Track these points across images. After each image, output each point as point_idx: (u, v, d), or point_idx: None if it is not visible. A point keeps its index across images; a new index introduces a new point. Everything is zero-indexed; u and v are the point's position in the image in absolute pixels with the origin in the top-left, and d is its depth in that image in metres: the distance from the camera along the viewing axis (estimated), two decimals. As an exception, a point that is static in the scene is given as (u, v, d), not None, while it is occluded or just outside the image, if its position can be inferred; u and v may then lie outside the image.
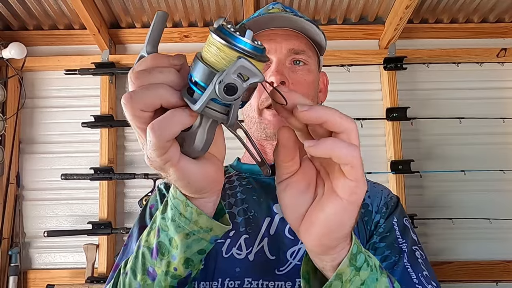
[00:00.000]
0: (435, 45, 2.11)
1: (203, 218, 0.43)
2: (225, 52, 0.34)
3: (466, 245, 2.01)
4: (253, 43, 0.35)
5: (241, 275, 0.61)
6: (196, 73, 0.35)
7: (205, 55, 0.35)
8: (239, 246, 0.63)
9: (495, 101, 2.10)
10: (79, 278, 1.95)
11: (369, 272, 0.43)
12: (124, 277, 0.49)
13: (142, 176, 1.94)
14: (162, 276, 0.46)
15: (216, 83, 0.33)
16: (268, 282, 0.60)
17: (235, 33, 0.34)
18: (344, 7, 2.02)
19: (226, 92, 0.33)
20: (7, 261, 1.96)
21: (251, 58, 0.34)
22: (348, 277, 0.41)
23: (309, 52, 0.74)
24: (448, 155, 2.06)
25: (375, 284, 0.43)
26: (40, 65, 2.07)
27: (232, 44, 0.34)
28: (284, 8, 0.77)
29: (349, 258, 0.42)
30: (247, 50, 0.34)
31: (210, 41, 0.35)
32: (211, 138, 0.39)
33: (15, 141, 2.03)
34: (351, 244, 0.42)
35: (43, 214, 2.05)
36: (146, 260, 0.47)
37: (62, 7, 1.96)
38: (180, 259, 0.44)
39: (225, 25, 0.35)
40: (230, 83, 0.33)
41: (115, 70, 2.04)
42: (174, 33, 2.11)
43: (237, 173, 0.76)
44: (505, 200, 2.04)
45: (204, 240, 0.44)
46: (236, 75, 0.33)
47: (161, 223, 0.45)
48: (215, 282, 0.61)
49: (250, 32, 0.34)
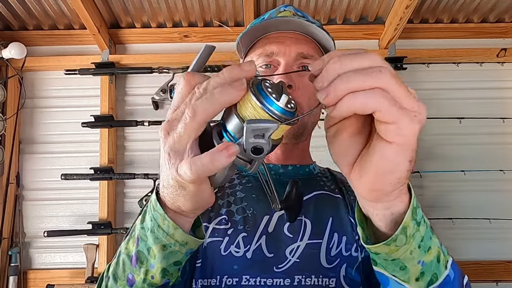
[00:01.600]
0: (435, 45, 2.11)
1: (179, 232, 0.44)
2: (259, 112, 0.36)
3: (466, 245, 2.01)
4: (286, 108, 0.37)
5: (239, 272, 0.62)
6: (229, 124, 0.38)
7: (240, 109, 0.37)
8: (237, 244, 0.64)
9: (495, 101, 2.10)
10: (79, 278, 1.95)
11: (425, 229, 0.42)
12: (106, 281, 0.51)
13: (142, 176, 1.94)
14: (140, 283, 0.47)
15: (244, 146, 0.36)
16: (266, 279, 0.61)
17: (271, 96, 0.36)
18: (344, 7, 2.02)
19: (254, 152, 0.37)
20: (7, 261, 1.95)
21: (280, 122, 0.37)
22: (411, 232, 0.40)
23: (317, 57, 0.75)
24: (448, 155, 2.06)
25: (430, 242, 0.43)
26: (40, 65, 2.07)
27: (266, 108, 0.36)
28: (295, 12, 0.78)
29: (412, 211, 0.40)
30: (279, 115, 0.36)
31: (248, 98, 0.37)
32: (231, 175, 0.42)
33: (15, 141, 2.03)
34: (410, 196, 0.41)
35: (43, 214, 2.05)
36: (126, 266, 0.48)
37: (62, 7, 1.96)
38: (157, 268, 0.46)
39: (264, 83, 0.37)
40: (256, 146, 0.36)
41: (115, 70, 2.04)
42: (174, 33, 2.11)
43: (237, 172, 0.76)
44: (505, 200, 2.04)
45: (179, 253, 0.45)
46: (253, 138, 0.36)
47: (141, 232, 0.47)
48: (214, 280, 0.62)
49: (286, 97, 0.37)
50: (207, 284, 0.61)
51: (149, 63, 2.05)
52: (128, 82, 2.13)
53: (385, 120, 0.35)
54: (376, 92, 0.34)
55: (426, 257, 0.42)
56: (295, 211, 0.50)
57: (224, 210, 0.68)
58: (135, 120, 2.02)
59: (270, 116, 0.36)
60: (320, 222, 0.66)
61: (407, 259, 0.41)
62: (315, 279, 0.61)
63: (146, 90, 2.08)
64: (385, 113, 0.34)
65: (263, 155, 0.37)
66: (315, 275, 0.61)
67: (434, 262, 0.43)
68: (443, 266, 0.44)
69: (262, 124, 0.36)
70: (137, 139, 2.10)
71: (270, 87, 0.37)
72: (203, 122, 0.36)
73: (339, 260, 0.63)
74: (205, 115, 0.36)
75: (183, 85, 0.38)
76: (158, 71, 2.04)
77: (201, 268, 0.63)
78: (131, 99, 2.12)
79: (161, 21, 2.10)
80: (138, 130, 2.08)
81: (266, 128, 0.36)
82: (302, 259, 0.63)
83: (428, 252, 0.42)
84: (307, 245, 0.64)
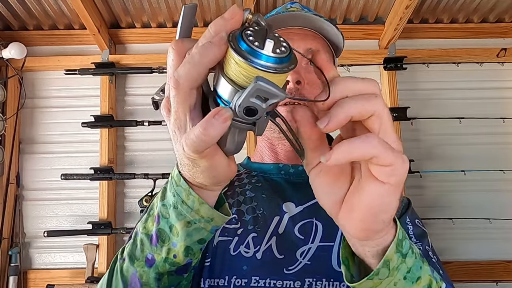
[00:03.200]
0: (435, 45, 2.11)
1: (205, 208, 0.42)
2: (244, 68, 0.32)
3: (466, 245, 2.01)
4: (274, 54, 0.32)
5: (248, 273, 0.60)
6: (219, 87, 0.34)
7: (226, 68, 0.33)
8: (247, 244, 0.63)
9: (495, 101, 2.10)
10: (79, 278, 1.95)
11: (414, 260, 0.42)
12: (121, 263, 0.49)
13: (142, 176, 1.94)
14: (161, 262, 0.45)
15: (236, 106, 0.32)
16: (276, 281, 0.60)
17: (253, 45, 0.32)
18: (344, 7, 2.02)
19: (246, 114, 0.33)
20: (7, 261, 1.95)
21: (271, 73, 0.32)
22: (395, 264, 0.40)
23: (326, 53, 0.74)
24: (448, 155, 2.06)
25: (419, 272, 0.42)
26: (40, 65, 2.07)
27: (250, 60, 0.31)
28: (302, 8, 0.77)
29: (396, 244, 0.40)
30: (267, 65, 0.32)
31: (229, 54, 0.33)
32: (243, 141, 0.38)
33: (15, 141, 2.03)
34: (396, 228, 0.41)
35: (43, 214, 2.05)
36: (144, 246, 0.46)
37: (62, 7, 1.96)
38: (180, 247, 0.44)
39: (245, 32, 0.32)
40: (249, 106, 0.32)
41: (115, 70, 2.04)
42: (174, 33, 2.09)
43: (247, 172, 0.75)
44: (505, 200, 2.03)
45: (204, 230, 0.43)
46: (254, 97, 0.32)
47: (161, 209, 0.44)
48: (222, 280, 0.60)
49: (271, 42, 0.32)
50: (214, 284, 0.60)
51: (149, 63, 2.05)
52: (128, 82, 2.13)
53: (382, 164, 0.35)
54: (372, 139, 0.34)
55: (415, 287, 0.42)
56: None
57: (234, 209, 0.67)
58: (135, 120, 2.02)
59: (258, 70, 0.31)
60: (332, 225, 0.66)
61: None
62: (326, 282, 0.60)
63: (146, 90, 2.08)
64: (382, 159, 0.34)
65: (258, 117, 0.33)
66: (326, 279, 0.60)
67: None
68: None
69: (272, 88, 0.31)
70: (137, 139, 2.10)
71: (252, 34, 0.32)
72: (189, 89, 0.34)
73: None
74: (190, 82, 0.33)
75: (173, 56, 0.35)
76: (158, 71, 2.04)
77: (210, 268, 0.61)
78: (131, 99, 2.12)
79: (161, 21, 2.10)
80: (138, 130, 2.08)
81: (273, 94, 0.31)
82: (313, 261, 0.61)
83: (416, 282, 0.42)
84: (319, 248, 0.62)
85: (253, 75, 0.32)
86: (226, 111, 0.32)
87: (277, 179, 0.72)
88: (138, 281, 0.47)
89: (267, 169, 0.74)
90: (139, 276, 0.47)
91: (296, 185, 0.71)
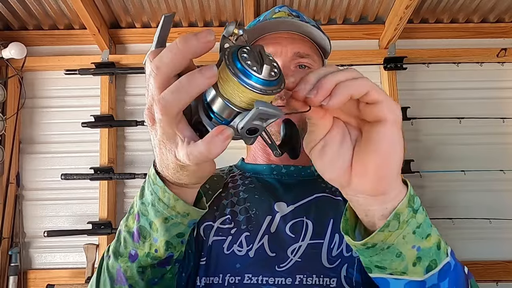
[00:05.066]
0: (435, 45, 2.11)
1: (180, 204, 0.44)
2: (242, 90, 0.34)
3: (466, 245, 2.01)
4: (270, 78, 0.35)
5: (241, 271, 0.62)
6: (214, 104, 0.36)
7: (222, 87, 0.35)
8: (240, 243, 0.65)
9: (495, 101, 2.10)
10: (79, 278, 1.95)
11: (424, 217, 0.43)
12: (107, 260, 0.52)
13: (142, 176, 1.94)
14: (143, 257, 0.48)
15: (238, 128, 0.35)
16: (268, 278, 0.62)
17: (251, 69, 0.34)
18: (344, 7, 2.02)
19: (249, 133, 0.36)
20: (7, 261, 1.95)
21: (268, 96, 0.35)
22: (405, 218, 0.41)
23: (314, 56, 0.76)
24: (448, 155, 2.06)
25: (430, 230, 0.44)
26: (40, 65, 2.07)
27: (251, 86, 0.34)
28: (290, 12, 0.78)
29: (408, 198, 0.42)
30: (264, 89, 0.35)
31: (226, 74, 0.35)
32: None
33: (15, 141, 2.03)
34: (407, 187, 0.43)
35: (43, 214, 2.05)
36: (127, 243, 0.49)
37: (62, 7, 1.96)
38: (160, 242, 0.47)
39: (241, 55, 0.35)
40: (251, 128, 0.36)
41: (115, 70, 2.04)
42: (174, 33, 2.10)
43: (240, 173, 0.77)
44: (505, 200, 2.04)
45: (182, 224, 0.46)
46: (256, 120, 0.35)
47: (141, 207, 0.47)
48: (216, 278, 0.62)
49: (267, 67, 0.34)
50: (210, 282, 0.62)
51: (149, 63, 2.05)
52: (128, 82, 2.13)
53: (375, 99, 0.38)
54: (362, 78, 0.38)
55: (424, 243, 0.43)
56: (294, 149, 0.49)
57: (228, 210, 0.69)
58: (135, 120, 2.02)
59: (257, 94, 0.34)
60: (321, 223, 0.67)
61: (400, 244, 0.42)
62: (316, 278, 0.61)
63: (146, 90, 2.08)
64: (374, 92, 0.38)
65: (259, 134, 0.37)
66: (316, 275, 0.62)
67: (434, 249, 0.44)
68: (444, 253, 0.45)
69: (271, 110, 0.34)
70: (137, 139, 2.10)
71: (249, 58, 0.35)
72: (176, 114, 0.35)
73: (340, 261, 0.63)
74: (178, 108, 0.35)
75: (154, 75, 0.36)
76: (158, 71, 2.04)
77: (205, 266, 0.64)
78: (131, 99, 2.13)
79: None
80: (138, 130, 2.08)
81: (273, 115, 0.35)
82: (304, 258, 0.63)
83: (426, 238, 0.43)
84: (309, 245, 0.64)
85: (250, 96, 0.34)
86: (228, 130, 0.35)
87: (270, 180, 0.74)
88: (123, 276, 0.50)
89: (260, 170, 0.76)
90: (124, 271, 0.50)
91: (288, 185, 0.73)
